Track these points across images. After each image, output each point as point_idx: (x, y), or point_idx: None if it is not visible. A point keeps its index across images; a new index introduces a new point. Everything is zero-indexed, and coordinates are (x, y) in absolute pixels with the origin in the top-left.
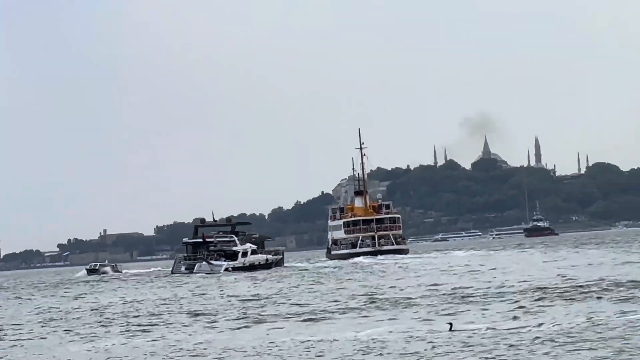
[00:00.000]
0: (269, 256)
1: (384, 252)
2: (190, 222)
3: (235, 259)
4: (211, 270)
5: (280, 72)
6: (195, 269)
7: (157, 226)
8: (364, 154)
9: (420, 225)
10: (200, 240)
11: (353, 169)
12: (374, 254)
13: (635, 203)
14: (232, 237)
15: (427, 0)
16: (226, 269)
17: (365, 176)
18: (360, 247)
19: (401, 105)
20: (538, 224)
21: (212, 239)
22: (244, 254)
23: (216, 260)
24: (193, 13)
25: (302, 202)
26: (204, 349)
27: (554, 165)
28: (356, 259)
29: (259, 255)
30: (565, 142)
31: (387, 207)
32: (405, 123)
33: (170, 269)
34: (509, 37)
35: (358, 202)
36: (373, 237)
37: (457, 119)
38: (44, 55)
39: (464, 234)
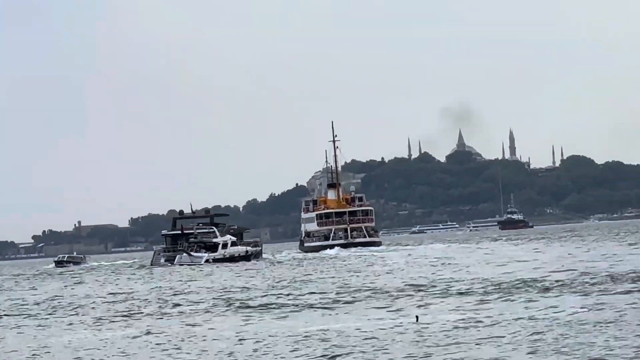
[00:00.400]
0: (249, 248)
1: (356, 245)
2: (165, 214)
3: (216, 251)
4: (192, 262)
5: (255, 65)
6: (175, 261)
7: (131, 218)
8: (337, 147)
9: (394, 218)
10: (179, 232)
11: (326, 161)
12: (346, 246)
13: (609, 196)
14: (212, 228)
15: None
16: (207, 261)
17: (339, 169)
18: (332, 240)
19: (376, 97)
20: (512, 217)
21: (191, 231)
22: (224, 246)
23: (196, 251)
24: None
25: (276, 194)
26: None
27: (529, 158)
28: (328, 251)
29: (239, 247)
30: (540, 135)
31: (360, 199)
32: (380, 115)
33: (150, 261)
34: (485, 28)
35: (331, 195)
36: (345, 230)
37: (433, 111)
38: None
39: (441, 226)
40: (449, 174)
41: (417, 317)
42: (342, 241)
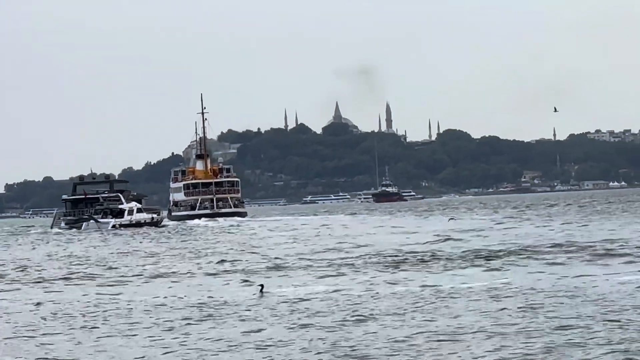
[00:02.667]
0: (154, 215)
1: (222, 215)
2: (41, 180)
3: (122, 217)
4: (99, 228)
5: (132, 35)
6: (83, 227)
7: (7, 184)
8: (206, 119)
9: (269, 188)
10: (82, 196)
11: (196, 133)
12: (212, 216)
13: (485, 171)
14: (119, 195)
15: None
16: (113, 226)
17: (206, 140)
18: (199, 210)
19: (255, 67)
20: (387, 190)
21: (96, 196)
22: (130, 212)
23: (103, 217)
24: None
25: (152, 163)
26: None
27: (405, 131)
28: (195, 221)
29: (145, 214)
30: (416, 109)
31: (228, 170)
32: (258, 85)
33: (51, 224)
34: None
35: (199, 165)
36: (212, 200)
37: (311, 83)
38: None
39: (333, 197)
40: (325, 145)
41: (262, 286)
42: (208, 211)
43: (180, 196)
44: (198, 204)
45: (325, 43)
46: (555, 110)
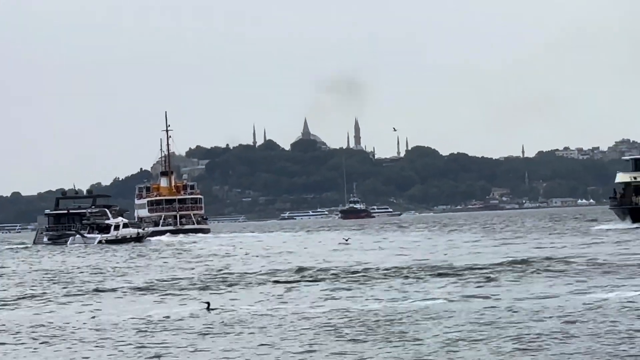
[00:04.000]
0: (140, 230)
1: (185, 231)
2: (9, 195)
3: (108, 232)
4: (84, 243)
5: (99, 49)
6: (69, 242)
7: None
8: (170, 136)
9: (237, 204)
10: (64, 211)
11: (161, 150)
12: (175, 232)
13: (453, 188)
14: (105, 210)
15: None
16: (99, 242)
17: (170, 157)
18: (162, 226)
19: (223, 84)
20: (355, 206)
21: (82, 211)
22: (116, 227)
23: (89, 232)
24: None
25: (120, 179)
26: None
27: (374, 148)
28: (158, 237)
29: (131, 229)
30: (385, 125)
31: (192, 187)
32: (228, 102)
33: (33, 240)
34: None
35: (163, 182)
36: (175, 217)
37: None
38: None
39: (311, 213)
40: (293, 161)
41: (208, 303)
42: (171, 227)
43: (144, 212)
44: (162, 221)
45: (294, 59)
46: None
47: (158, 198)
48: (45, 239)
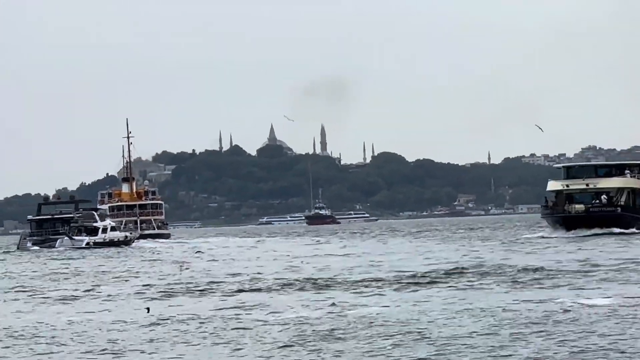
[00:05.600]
0: (128, 233)
1: (145, 237)
2: None
3: (96, 235)
4: (73, 245)
5: (69, 54)
6: (57, 244)
7: None
8: (131, 143)
9: (204, 210)
10: (47, 217)
11: (123, 156)
12: (136, 238)
13: (419, 194)
14: (93, 213)
15: None
16: (87, 244)
17: (132, 164)
18: (123, 231)
19: (189, 89)
20: (320, 212)
21: (70, 215)
22: (104, 230)
23: (77, 235)
24: None
25: (87, 184)
26: None
27: (340, 154)
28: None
29: (118, 232)
30: (351, 132)
31: (153, 193)
32: (194, 107)
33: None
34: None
35: (125, 188)
36: (136, 222)
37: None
38: None
39: (289, 218)
40: (260, 167)
41: (148, 309)
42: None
43: None
44: (122, 226)
45: (261, 65)
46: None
47: (119, 204)
48: (29, 244)
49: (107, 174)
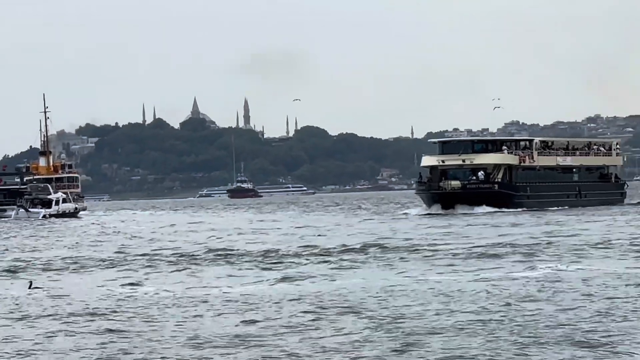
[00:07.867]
0: (77, 205)
1: None
2: None
3: (51, 207)
4: (29, 217)
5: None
6: (12, 216)
7: None
8: (48, 117)
9: (126, 183)
10: None
11: (40, 131)
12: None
13: (341, 168)
14: (47, 185)
15: None
16: (44, 216)
17: (48, 137)
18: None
19: (116, 60)
20: (242, 186)
21: (8, 187)
22: (57, 202)
23: (33, 207)
24: None
25: (10, 156)
26: None
27: (263, 127)
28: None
29: (69, 204)
30: (274, 105)
31: (70, 166)
32: (119, 79)
33: None
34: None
35: (42, 162)
36: None
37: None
38: None
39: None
40: (183, 140)
41: (30, 282)
42: None
43: None
44: None
45: (189, 35)
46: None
47: (36, 177)
48: None
49: (31, 146)
